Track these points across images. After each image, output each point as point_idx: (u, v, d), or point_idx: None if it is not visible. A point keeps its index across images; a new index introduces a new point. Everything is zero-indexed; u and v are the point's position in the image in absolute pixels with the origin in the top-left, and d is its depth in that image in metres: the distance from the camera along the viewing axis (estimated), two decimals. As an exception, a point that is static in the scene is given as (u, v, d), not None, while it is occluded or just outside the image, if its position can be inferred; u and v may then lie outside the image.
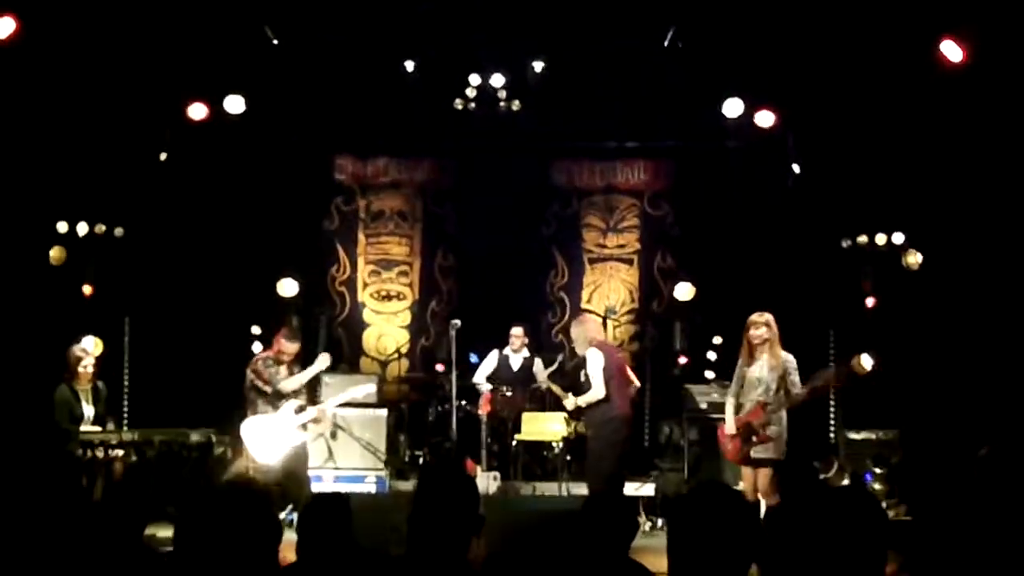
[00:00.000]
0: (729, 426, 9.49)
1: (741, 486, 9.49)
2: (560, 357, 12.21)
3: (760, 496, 9.26)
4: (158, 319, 13.19)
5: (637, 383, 11.21)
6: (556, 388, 11.32)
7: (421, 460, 12.98)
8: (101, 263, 13.01)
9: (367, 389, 11.34)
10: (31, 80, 11.37)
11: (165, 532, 10.22)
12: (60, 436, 10.28)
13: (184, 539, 3.38)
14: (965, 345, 11.97)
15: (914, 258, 12.71)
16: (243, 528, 3.30)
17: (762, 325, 9.42)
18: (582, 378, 10.80)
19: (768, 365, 9.37)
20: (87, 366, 10.63)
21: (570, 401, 10.85)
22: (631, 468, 12.27)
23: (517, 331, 13.19)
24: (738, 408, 9.55)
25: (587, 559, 4.60)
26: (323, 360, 10.73)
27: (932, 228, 12.53)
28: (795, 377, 9.37)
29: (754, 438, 9.31)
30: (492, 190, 14.51)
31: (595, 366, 10.47)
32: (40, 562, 5.04)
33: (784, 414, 9.37)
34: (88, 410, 10.51)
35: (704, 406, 12.33)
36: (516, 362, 13.15)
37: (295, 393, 10.38)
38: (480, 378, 13.08)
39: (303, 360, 10.90)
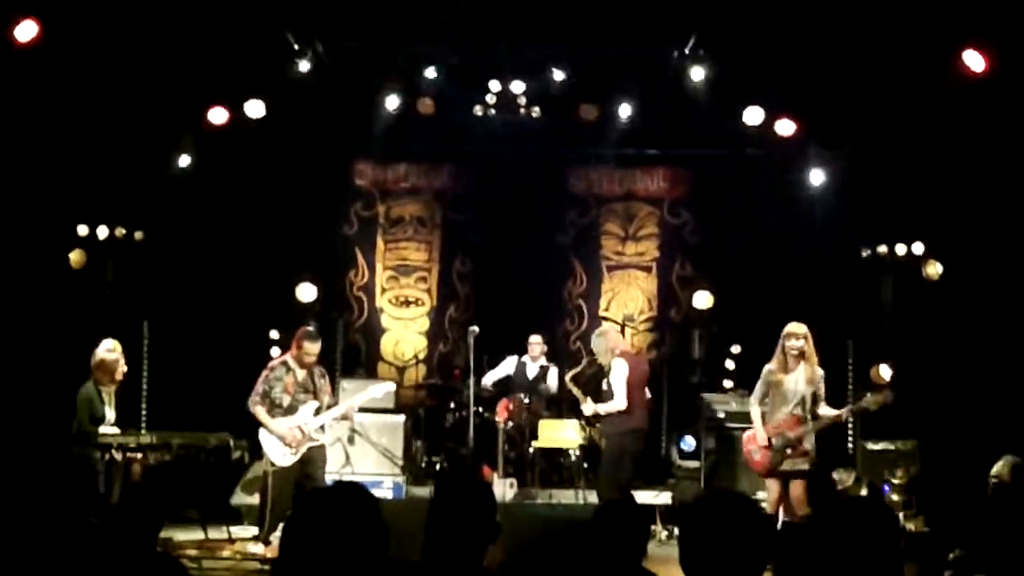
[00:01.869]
0: (761, 437, 9.34)
1: (759, 495, 9.47)
2: (584, 362, 12.14)
3: (793, 507, 9.20)
4: (177, 322, 13.23)
5: (647, 395, 11.15)
6: (576, 390, 11.24)
7: (438, 466, 12.99)
8: (120, 266, 13.06)
9: (386, 388, 11.34)
10: (52, 84, 11.41)
11: (183, 535, 10.32)
12: (79, 437, 10.31)
13: (291, 543, 3.39)
14: (985, 356, 11.92)
15: (934, 268, 12.67)
16: (351, 532, 3.32)
17: (801, 337, 9.32)
18: (604, 386, 10.74)
19: (804, 378, 9.26)
20: (120, 368, 10.68)
21: (588, 406, 10.78)
22: (647, 477, 12.30)
23: (536, 339, 13.24)
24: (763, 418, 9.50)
25: (599, 568, 4.58)
26: (309, 407, 10.48)
27: (952, 238, 12.48)
28: (822, 393, 9.35)
29: (789, 451, 9.22)
30: (511, 197, 14.52)
31: (619, 376, 10.43)
32: (54, 564, 5.05)
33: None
34: (110, 413, 10.53)
35: (722, 415, 12.30)
36: (532, 370, 13.17)
37: (304, 401, 10.27)
38: (488, 381, 13.11)
39: (323, 362, 10.89)
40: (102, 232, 12.86)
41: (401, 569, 3.86)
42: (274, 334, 13.31)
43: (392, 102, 13.27)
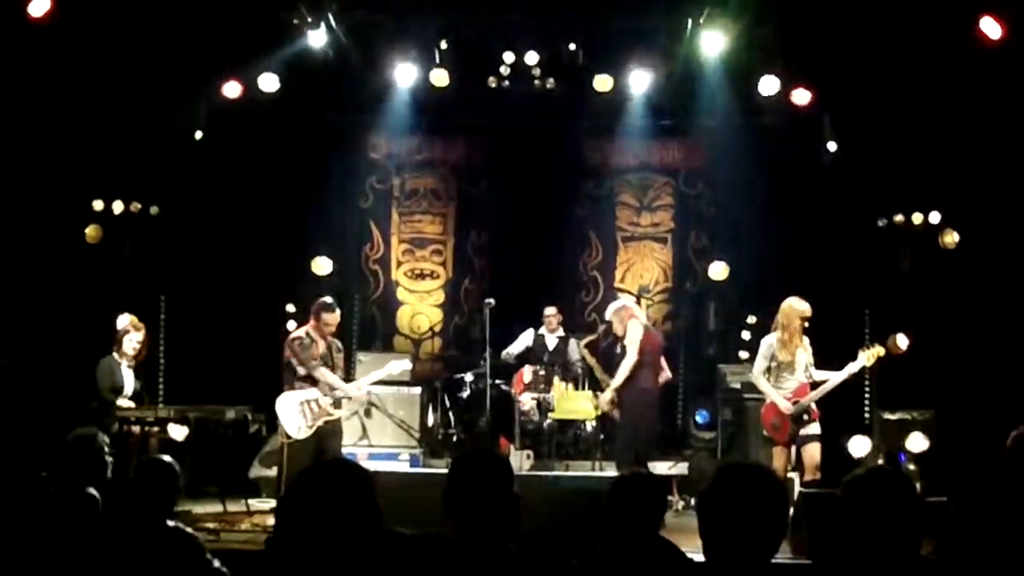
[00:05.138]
0: (786, 406, 9.49)
1: (775, 464, 9.50)
2: (599, 331, 12.13)
3: (807, 470, 9.44)
4: (194, 297, 13.25)
5: (668, 374, 11.21)
6: (596, 367, 11.22)
7: (455, 438, 13.01)
8: (137, 241, 13.08)
9: (402, 365, 11.33)
10: (66, 59, 11.41)
11: (201, 508, 10.38)
12: (98, 412, 10.35)
13: (286, 520, 3.41)
14: (1002, 325, 11.89)
15: (951, 237, 12.62)
16: (344, 509, 3.32)
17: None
18: (618, 349, 10.81)
19: (803, 347, 9.55)
20: (131, 341, 10.67)
21: (606, 395, 10.82)
22: (664, 448, 12.32)
23: (551, 311, 13.24)
24: None
25: (617, 538, 4.59)
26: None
27: (969, 207, 12.44)
28: (812, 358, 9.69)
29: (805, 417, 9.45)
30: (526, 168, 14.46)
31: (635, 335, 10.54)
32: (68, 536, 5.08)
33: None
34: (129, 385, 10.57)
35: (737, 385, 12.30)
36: (551, 342, 13.17)
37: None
38: (510, 352, 13.14)
39: (340, 336, 10.88)
40: (118, 207, 12.87)
41: (421, 542, 3.87)
42: (290, 307, 13.34)
43: (406, 74, 13.22)
